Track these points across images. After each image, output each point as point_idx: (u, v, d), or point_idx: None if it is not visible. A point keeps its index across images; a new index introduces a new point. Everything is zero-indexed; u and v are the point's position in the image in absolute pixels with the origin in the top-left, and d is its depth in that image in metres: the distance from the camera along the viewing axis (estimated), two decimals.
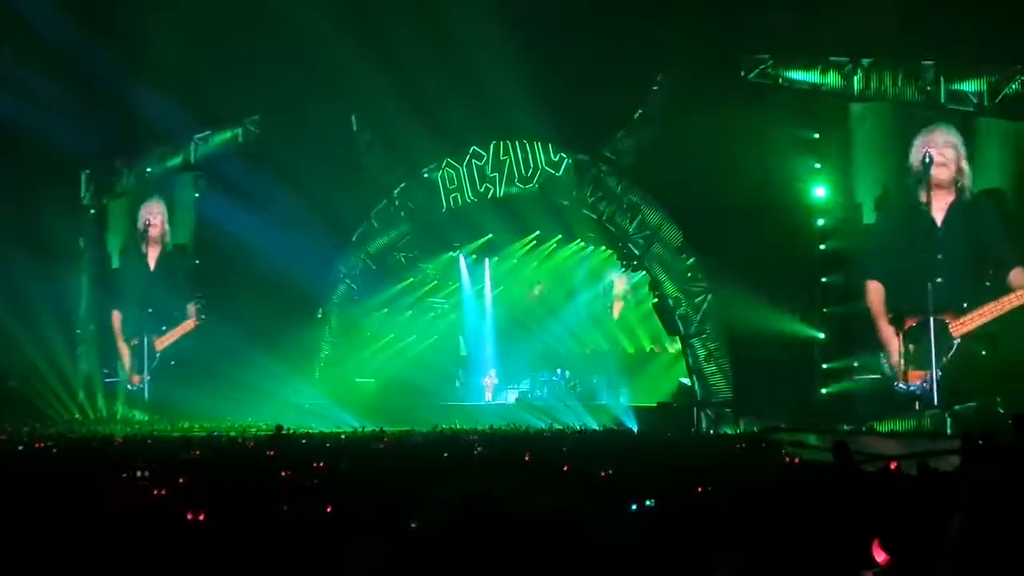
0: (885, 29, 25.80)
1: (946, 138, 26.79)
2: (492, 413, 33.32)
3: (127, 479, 13.56)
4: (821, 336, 28.20)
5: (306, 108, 34.35)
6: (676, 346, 32.72)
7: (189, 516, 9.52)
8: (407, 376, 36.37)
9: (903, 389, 27.11)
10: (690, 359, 30.84)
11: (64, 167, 38.56)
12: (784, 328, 27.84)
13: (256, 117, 37.24)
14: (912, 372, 26.90)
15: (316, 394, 35.25)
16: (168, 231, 39.52)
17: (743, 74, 28.91)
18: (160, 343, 39.00)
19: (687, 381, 31.38)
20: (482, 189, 34.36)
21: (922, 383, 26.83)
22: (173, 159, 39.54)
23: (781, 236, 27.83)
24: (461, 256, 38.04)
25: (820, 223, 28.59)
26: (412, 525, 1.55)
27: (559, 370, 37.66)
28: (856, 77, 27.95)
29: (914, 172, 27.11)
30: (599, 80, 30.09)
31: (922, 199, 27.00)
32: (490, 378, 37.74)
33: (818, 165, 28.65)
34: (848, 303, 27.84)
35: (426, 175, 35.53)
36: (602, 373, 37.12)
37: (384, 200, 36.37)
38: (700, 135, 27.71)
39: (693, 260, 30.68)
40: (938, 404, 26.23)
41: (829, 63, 28.20)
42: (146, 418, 37.76)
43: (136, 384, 39.52)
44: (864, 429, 26.54)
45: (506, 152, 33.82)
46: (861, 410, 27.21)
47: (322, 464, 15.36)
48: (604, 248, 35.18)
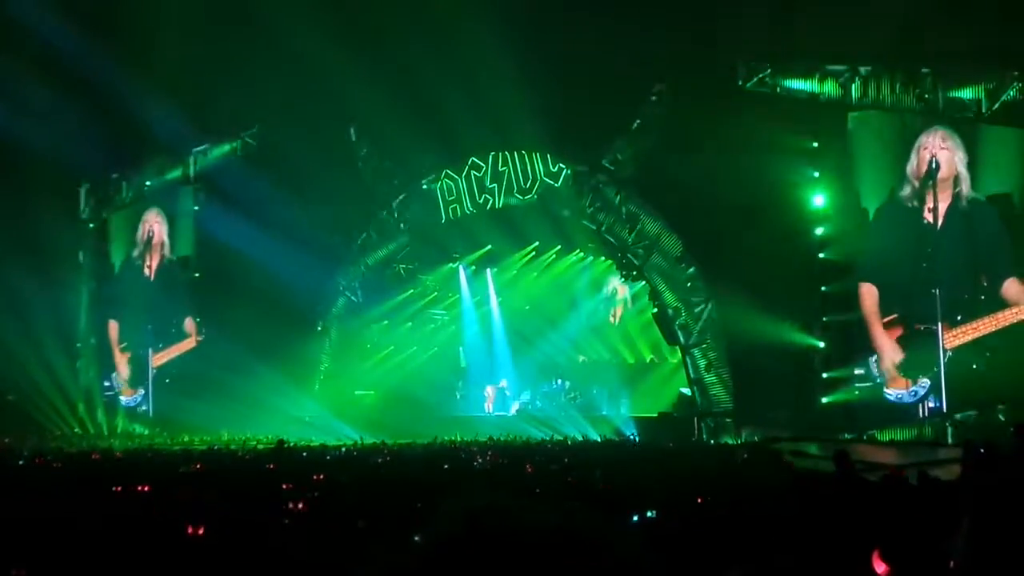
0: (883, 37, 25.83)
1: (945, 143, 26.80)
2: (492, 425, 33.27)
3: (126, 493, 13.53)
4: (821, 345, 28.18)
5: (305, 120, 34.34)
6: (676, 356, 32.68)
7: (189, 530, 9.49)
8: (407, 388, 36.35)
9: (891, 396, 27.11)
10: (690, 369, 30.81)
11: (63, 180, 38.53)
12: (784, 337, 27.83)
13: (255, 129, 37.24)
14: (901, 380, 26.91)
15: (316, 407, 35.19)
16: (168, 244, 39.49)
17: (741, 83, 28.92)
18: (159, 359, 38.95)
19: (687, 391, 31.34)
20: (481, 200, 34.35)
21: (910, 391, 26.83)
22: (172, 172, 39.52)
23: (780, 245, 27.84)
24: (461, 267, 38.02)
25: (819, 232, 28.58)
26: (416, 539, 1.53)
27: (559, 381, 37.62)
28: (854, 85, 27.96)
29: (912, 178, 27.13)
30: (597, 90, 30.11)
31: (920, 205, 27.02)
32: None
33: (817, 174, 28.67)
34: (848, 312, 27.83)
35: (425, 186, 35.51)
36: (602, 383, 37.09)
37: (383, 212, 36.35)
38: (698, 144, 27.78)
39: (693, 270, 30.67)
40: (929, 414, 26.22)
41: (827, 72, 28.22)
42: (146, 432, 37.70)
43: (135, 398, 39.46)
44: (864, 438, 26.55)
45: (505, 163, 33.82)
46: (861, 419, 27.19)
47: (322, 476, 15.32)
48: (603, 258, 35.17)
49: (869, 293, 27.64)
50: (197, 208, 38.55)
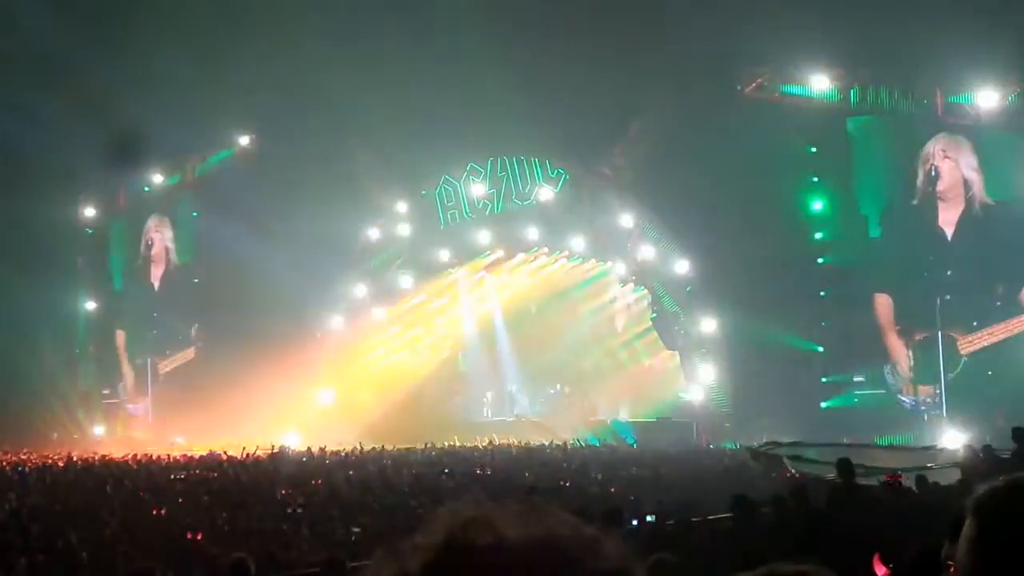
0: (882, 43, 25.86)
1: (952, 150, 26.85)
2: (492, 429, 33.24)
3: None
4: (820, 350, 28.16)
5: (304, 127, 34.35)
6: (676, 361, 32.63)
7: (188, 535, 9.51)
8: (406, 394, 36.30)
9: (907, 402, 27.13)
10: (689, 374, 30.78)
11: (63, 187, 38.55)
12: (783, 342, 27.82)
13: (254, 136, 37.23)
14: (918, 386, 26.96)
15: (315, 412, 35.15)
16: (168, 250, 39.49)
17: (741, 88, 28.95)
18: (164, 366, 38.97)
19: (686, 396, 31.30)
20: (480, 206, 34.34)
21: (927, 397, 26.88)
22: (172, 178, 39.54)
23: (779, 250, 27.84)
24: (460, 273, 37.95)
25: (818, 236, 28.59)
26: (404, 551, 1.51)
27: (558, 385, 37.56)
28: (853, 91, 28.00)
29: (921, 184, 27.18)
30: (597, 95, 30.12)
31: (929, 212, 27.10)
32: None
33: (816, 179, 28.68)
34: (848, 316, 27.83)
35: (424, 192, 35.51)
36: (602, 388, 37.01)
37: (382, 217, 36.33)
38: (698, 150, 27.78)
39: (692, 275, 30.64)
40: (945, 418, 26.24)
41: (827, 77, 28.24)
42: (146, 437, 37.64)
43: (138, 404, 39.47)
44: (864, 442, 26.51)
45: (504, 168, 33.79)
46: (861, 423, 27.17)
47: (320, 482, 15.34)
48: (603, 263, 35.11)
49: (883, 303, 27.68)
50: (197, 214, 38.56)
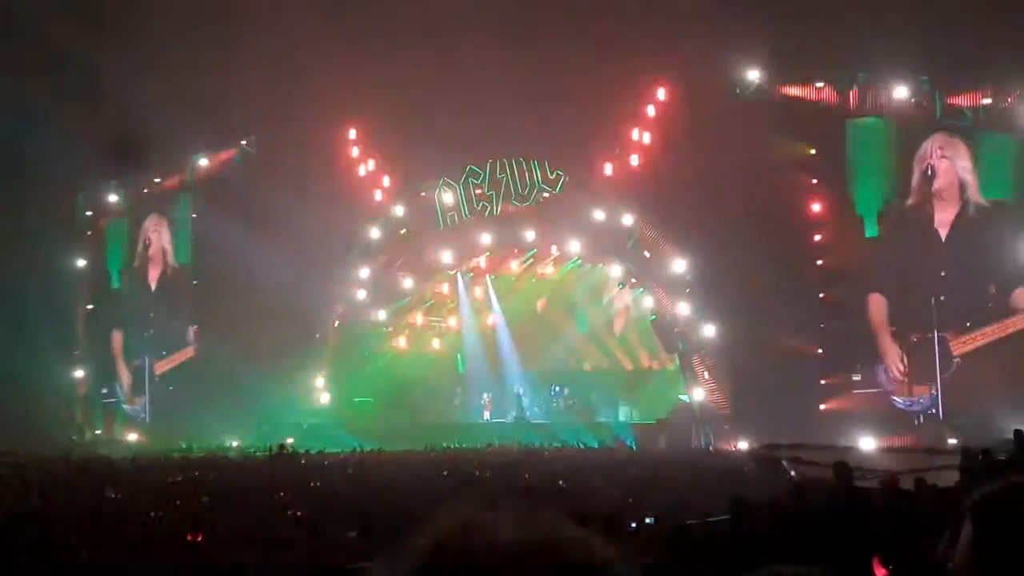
0: (881, 45, 25.86)
1: (949, 150, 26.86)
2: (491, 431, 33.25)
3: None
4: (819, 351, 28.16)
5: (303, 127, 34.35)
6: (675, 363, 32.63)
7: (188, 537, 9.50)
8: (405, 395, 36.29)
9: (901, 404, 27.13)
10: (689, 376, 30.79)
11: (61, 187, 38.54)
12: (782, 344, 27.81)
13: (253, 136, 37.22)
14: (912, 387, 26.94)
15: (314, 414, 35.16)
16: (167, 251, 39.48)
17: (740, 90, 28.95)
18: (160, 367, 38.94)
19: (686, 398, 31.31)
20: (479, 207, 34.34)
21: (921, 399, 26.88)
22: (170, 179, 39.52)
23: (779, 251, 27.84)
24: (459, 274, 37.94)
25: (817, 238, 28.60)
26: (401, 553, 1.50)
27: (557, 387, 37.54)
28: (852, 92, 28.01)
29: (918, 187, 27.20)
30: (596, 97, 30.12)
31: (925, 212, 27.10)
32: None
33: (815, 180, 28.69)
34: (846, 318, 27.84)
35: (423, 194, 35.50)
36: (601, 390, 37.02)
37: (381, 219, 36.33)
38: (697, 151, 27.78)
39: (691, 277, 30.65)
40: (940, 419, 26.26)
41: (826, 79, 28.26)
42: (144, 439, 37.64)
43: (135, 405, 39.44)
44: (863, 445, 26.52)
45: (503, 170, 33.78)
46: (860, 425, 27.17)
47: (318, 484, 15.33)
48: (602, 265, 35.12)
49: (877, 303, 27.69)
50: (195, 215, 38.55)
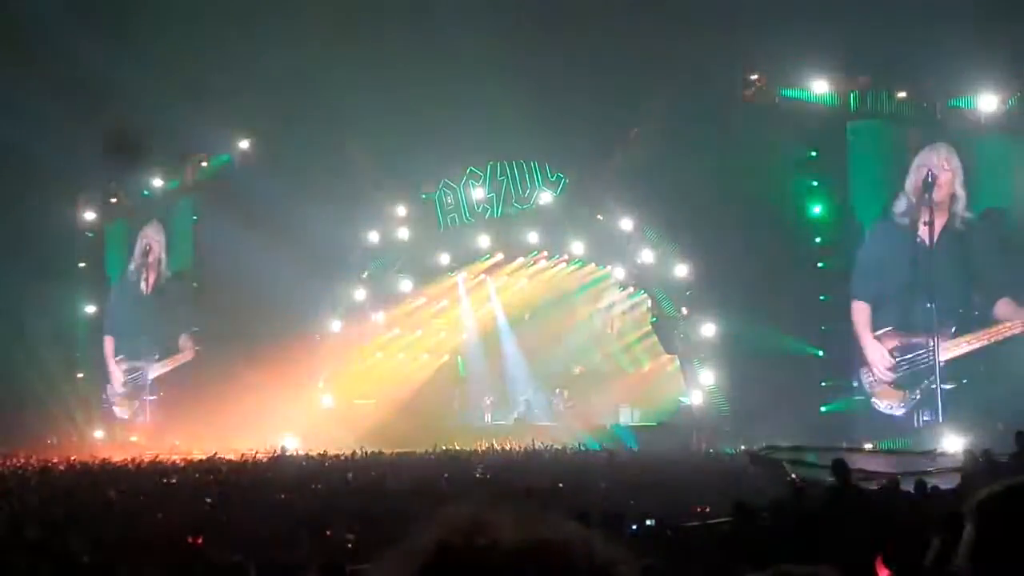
0: (882, 47, 25.87)
1: (944, 159, 26.88)
2: (491, 434, 33.24)
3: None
4: (820, 354, 28.15)
5: (303, 130, 34.36)
6: (675, 365, 32.62)
7: (188, 539, 9.50)
8: (406, 397, 36.30)
9: (881, 408, 27.24)
10: (689, 378, 30.78)
11: (62, 189, 38.56)
12: (782, 346, 27.80)
13: (252, 139, 37.21)
14: (892, 392, 27.05)
15: (315, 416, 35.14)
16: (165, 260, 39.48)
17: (741, 93, 28.95)
18: (160, 369, 38.94)
19: (686, 400, 31.30)
20: (480, 209, 34.36)
21: (900, 403, 26.98)
22: (171, 182, 39.54)
23: (779, 254, 27.85)
24: (459, 277, 37.95)
25: (818, 241, 28.60)
26: (401, 554, 1.50)
27: (557, 390, 37.54)
28: (853, 95, 28.02)
29: (910, 195, 27.23)
30: (597, 99, 30.13)
31: (914, 222, 27.14)
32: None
33: (816, 183, 28.69)
34: (846, 320, 27.86)
35: (424, 196, 35.52)
36: (601, 392, 36.99)
37: (382, 221, 36.35)
38: (698, 153, 27.79)
39: (692, 279, 30.65)
40: (924, 424, 26.34)
41: (827, 81, 28.26)
42: (144, 441, 37.62)
43: (132, 407, 39.43)
44: (863, 447, 26.51)
45: (504, 172, 33.80)
46: (860, 428, 27.18)
47: (319, 486, 15.33)
48: (603, 267, 35.13)
49: (860, 309, 27.74)
50: (196, 218, 38.54)
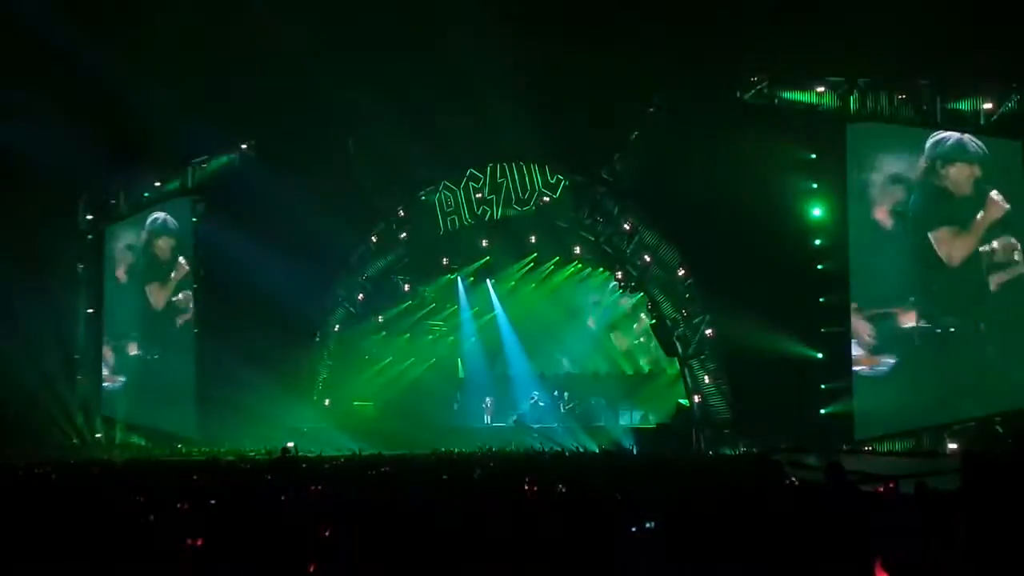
0: (882, 49, 25.87)
1: (951, 160, 26.96)
2: (491, 435, 33.25)
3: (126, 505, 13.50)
4: (820, 356, 28.16)
5: (303, 131, 34.37)
6: (675, 367, 32.65)
7: (188, 541, 9.49)
8: (405, 399, 36.33)
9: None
10: (689, 380, 30.79)
11: (62, 192, 38.54)
12: (782, 348, 27.80)
13: (253, 141, 37.23)
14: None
15: (314, 418, 35.16)
16: (166, 254, 39.45)
17: (740, 95, 28.96)
18: (159, 370, 38.93)
19: (686, 402, 31.31)
20: (479, 211, 34.39)
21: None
22: (171, 183, 39.55)
23: (779, 256, 27.84)
24: (459, 279, 37.98)
25: (817, 243, 28.61)
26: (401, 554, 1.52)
27: (557, 392, 37.57)
28: (853, 97, 28.03)
29: (907, 194, 27.32)
30: (596, 101, 30.13)
31: (914, 220, 27.24)
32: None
33: (815, 185, 28.70)
34: (846, 322, 27.88)
35: (423, 198, 35.54)
36: (601, 395, 37.04)
37: (381, 223, 36.38)
38: (697, 156, 27.80)
39: (691, 281, 30.67)
40: (940, 424, 26.43)
41: (826, 83, 28.28)
42: (144, 443, 37.65)
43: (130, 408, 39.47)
44: (863, 448, 26.55)
45: (503, 174, 33.85)
46: (860, 429, 27.21)
47: (319, 488, 15.29)
48: (602, 270, 35.16)
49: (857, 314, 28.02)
50: (196, 219, 38.55)
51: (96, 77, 32.26)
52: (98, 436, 39.38)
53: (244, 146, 37.48)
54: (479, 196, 34.28)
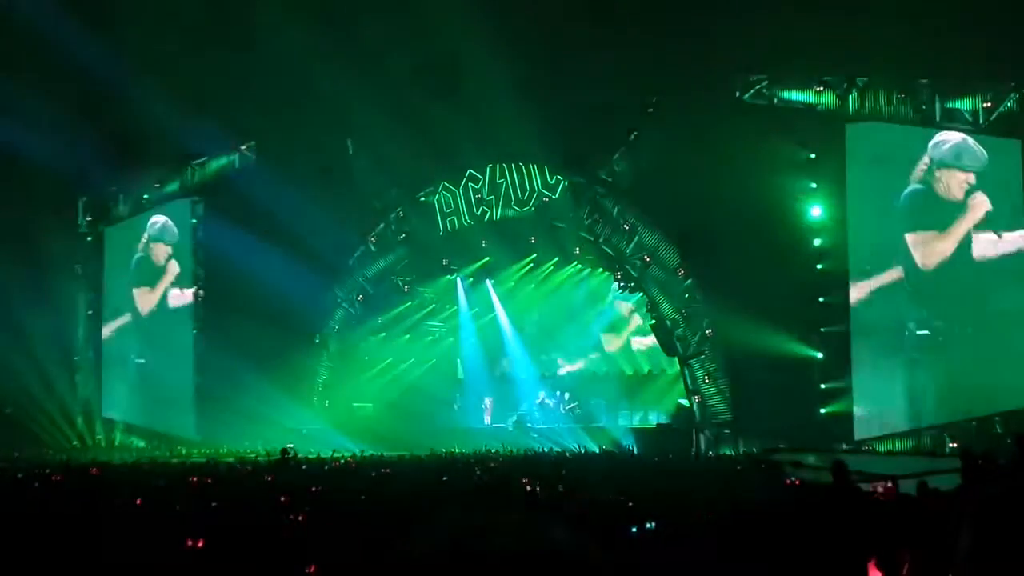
0: (880, 49, 25.87)
1: (949, 162, 26.96)
2: (490, 436, 33.23)
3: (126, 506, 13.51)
4: (819, 356, 28.16)
5: (302, 133, 34.39)
6: (674, 368, 32.64)
7: (188, 542, 9.48)
8: (405, 400, 36.29)
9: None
10: (689, 380, 30.78)
11: (62, 193, 38.57)
12: (782, 348, 27.81)
13: (252, 142, 37.24)
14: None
15: (314, 419, 35.14)
16: (165, 255, 39.46)
17: (739, 95, 28.98)
18: (159, 371, 38.92)
19: (686, 402, 31.31)
20: (479, 212, 34.39)
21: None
22: (171, 185, 39.56)
23: (778, 256, 27.85)
24: (458, 279, 37.96)
25: (817, 243, 28.61)
26: (401, 556, 1.51)
27: (558, 392, 37.54)
28: (851, 97, 28.04)
29: (907, 195, 27.34)
30: (595, 102, 30.14)
31: (911, 220, 27.26)
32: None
33: (814, 185, 28.70)
34: (846, 322, 27.88)
35: (423, 199, 35.53)
36: (601, 395, 37.02)
37: (381, 224, 36.36)
38: (696, 156, 27.79)
39: (690, 281, 30.66)
40: (940, 424, 26.41)
41: (824, 83, 28.29)
42: (144, 445, 37.65)
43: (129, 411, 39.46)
44: (864, 449, 26.53)
45: (503, 175, 33.85)
46: (860, 430, 27.20)
47: (318, 489, 15.30)
48: (601, 270, 35.14)
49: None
50: (195, 221, 38.56)
51: (96, 78, 32.28)
52: (98, 438, 39.38)
53: (244, 147, 37.49)
54: (478, 197, 34.29)
